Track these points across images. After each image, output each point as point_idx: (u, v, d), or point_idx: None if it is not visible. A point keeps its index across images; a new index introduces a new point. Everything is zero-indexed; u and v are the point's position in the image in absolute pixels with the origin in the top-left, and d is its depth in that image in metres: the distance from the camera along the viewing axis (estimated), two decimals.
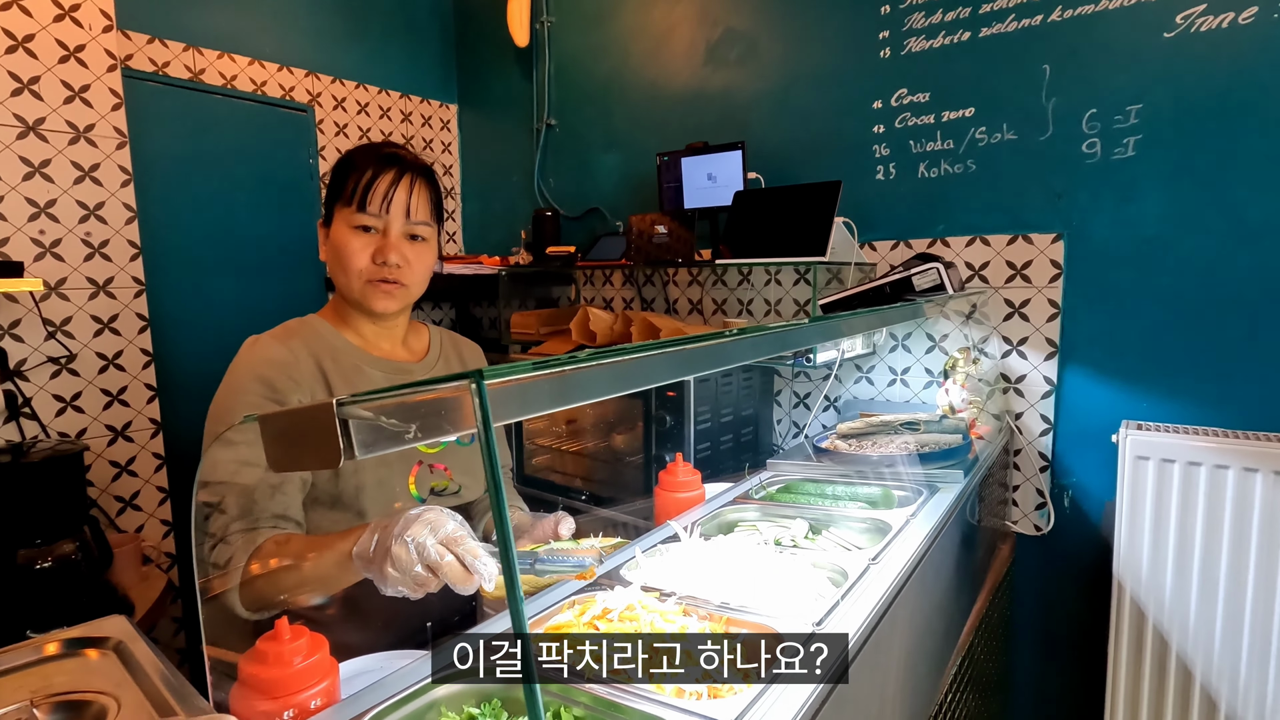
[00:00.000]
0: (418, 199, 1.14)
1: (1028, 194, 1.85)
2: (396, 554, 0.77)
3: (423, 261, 1.16)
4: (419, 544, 0.77)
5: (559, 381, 0.48)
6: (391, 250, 1.11)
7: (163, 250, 2.31)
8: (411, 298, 1.18)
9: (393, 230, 1.12)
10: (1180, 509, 1.58)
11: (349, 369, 1.12)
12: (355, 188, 1.11)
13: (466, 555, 0.78)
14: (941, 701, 1.30)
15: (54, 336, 1.99)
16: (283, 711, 0.66)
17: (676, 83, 2.51)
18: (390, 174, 1.12)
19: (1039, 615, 1.95)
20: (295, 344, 1.10)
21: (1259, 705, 1.52)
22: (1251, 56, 1.55)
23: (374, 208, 1.10)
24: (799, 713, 0.68)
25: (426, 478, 1.17)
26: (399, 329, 1.24)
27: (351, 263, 1.11)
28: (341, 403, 0.45)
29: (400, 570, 0.77)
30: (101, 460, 2.11)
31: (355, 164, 1.13)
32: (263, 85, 2.58)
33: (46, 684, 0.69)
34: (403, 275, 1.13)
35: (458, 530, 0.80)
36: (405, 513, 0.81)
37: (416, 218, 1.14)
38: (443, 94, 3.22)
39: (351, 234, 1.11)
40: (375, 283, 1.12)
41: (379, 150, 1.15)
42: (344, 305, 1.18)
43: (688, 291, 2.53)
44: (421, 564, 0.77)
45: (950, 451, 1.51)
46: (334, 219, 1.13)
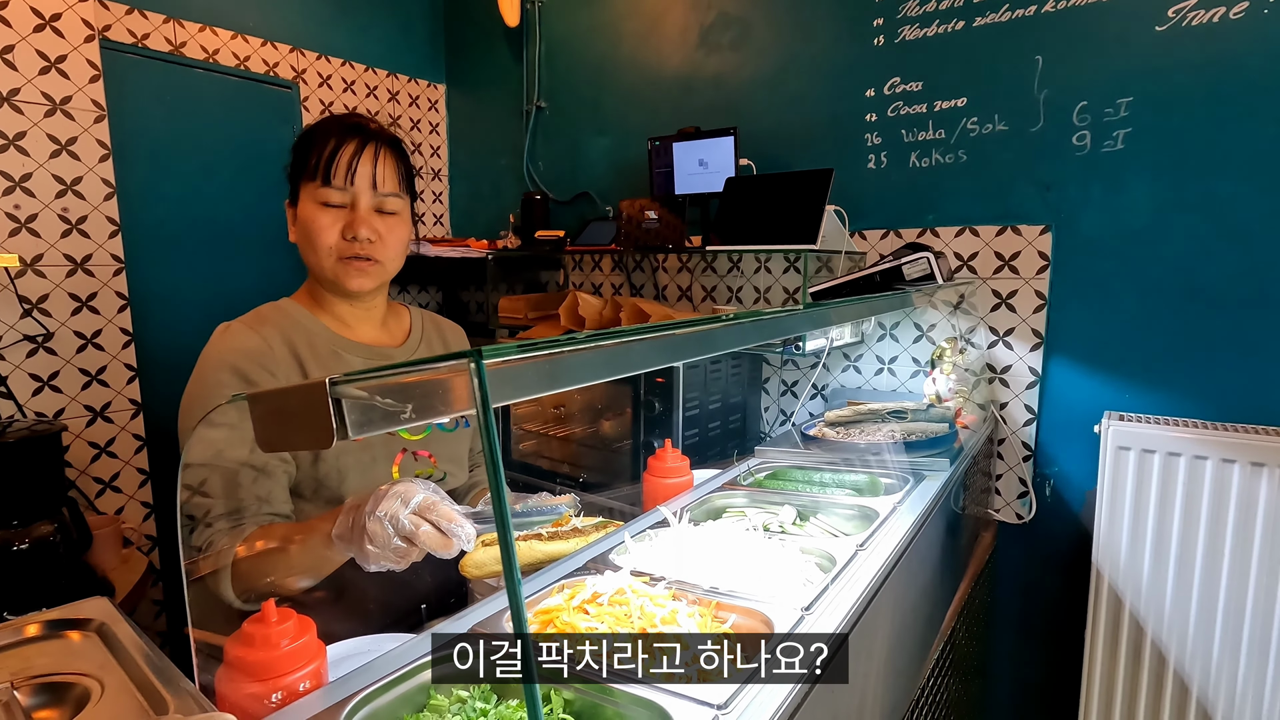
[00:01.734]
0: (385, 169, 1.09)
1: (1017, 185, 1.85)
2: (372, 530, 0.77)
3: (395, 236, 1.11)
4: (392, 517, 0.77)
5: (559, 363, 0.47)
6: (361, 224, 1.06)
7: (143, 227, 2.26)
8: (387, 275, 1.14)
9: (361, 203, 1.07)
10: (1159, 498, 1.61)
11: (326, 355, 1.09)
12: (318, 161, 1.06)
13: (441, 521, 0.79)
14: (924, 685, 1.32)
15: (30, 314, 1.95)
16: (270, 694, 0.65)
17: (669, 66, 2.49)
18: (353, 144, 1.07)
19: (1019, 601, 1.99)
20: (268, 331, 1.06)
21: (1229, 689, 1.56)
22: (1241, 51, 1.56)
23: (339, 180, 1.05)
24: (788, 696, 0.69)
25: (411, 465, 1.14)
26: (377, 310, 1.19)
27: (320, 240, 1.07)
28: (335, 382, 0.44)
29: (379, 546, 0.78)
30: (80, 441, 2.07)
31: (317, 137, 1.08)
32: (246, 60, 2.52)
33: (27, 666, 0.68)
34: (375, 250, 1.09)
35: (430, 498, 0.80)
36: (377, 490, 0.81)
37: (384, 189, 1.09)
38: (431, 73, 3.17)
39: (318, 210, 1.07)
40: (347, 260, 1.08)
41: (341, 121, 1.10)
42: (318, 288, 1.14)
43: (677, 278, 2.52)
44: (398, 536, 0.78)
45: (936, 440, 1.52)
46: (300, 197, 1.09)
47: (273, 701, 0.66)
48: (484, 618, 0.83)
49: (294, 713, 0.65)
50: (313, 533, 0.88)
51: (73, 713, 0.63)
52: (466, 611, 0.86)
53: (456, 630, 0.80)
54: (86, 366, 2.06)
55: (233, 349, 1.02)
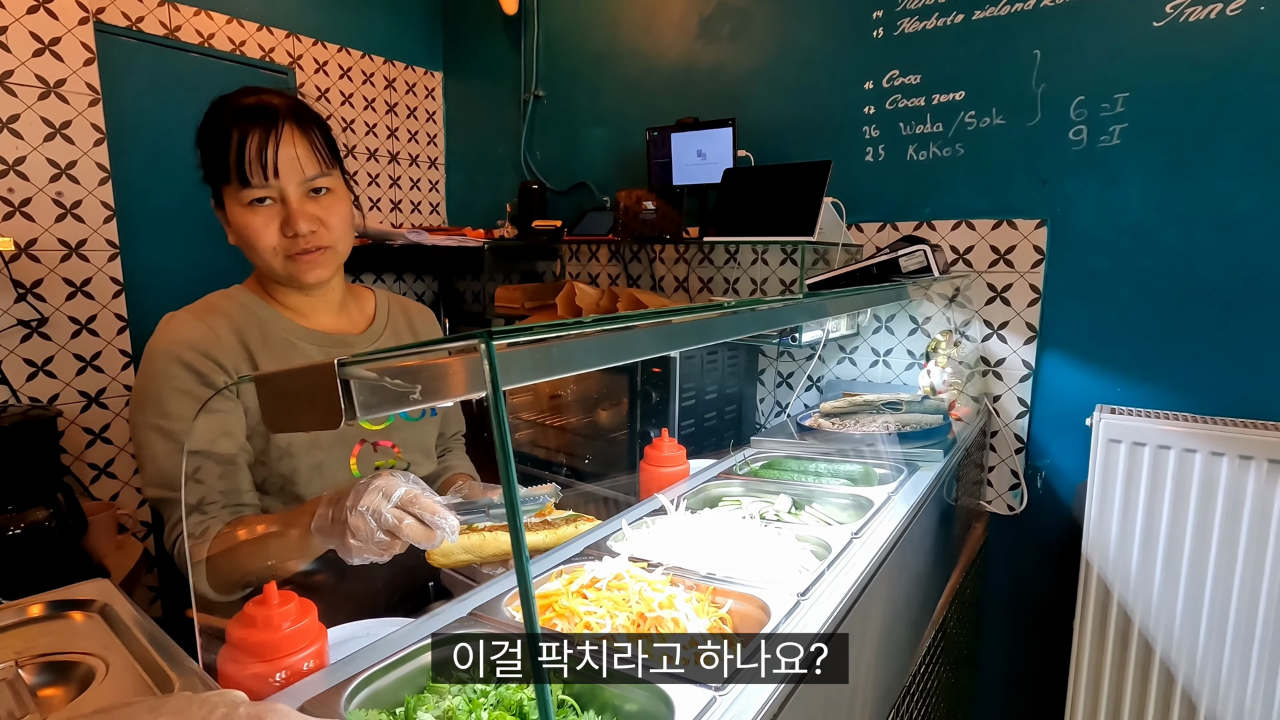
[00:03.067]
0: (302, 150, 1.00)
1: (1014, 179, 1.86)
2: (355, 525, 0.77)
3: (336, 215, 1.04)
4: (375, 512, 0.77)
5: (570, 346, 0.47)
6: (299, 218, 0.99)
7: (138, 213, 2.25)
8: (340, 258, 1.08)
9: (290, 195, 0.99)
10: (1149, 491, 1.63)
11: (279, 344, 1.04)
12: (226, 160, 0.97)
13: (424, 514, 0.78)
14: (915, 673, 1.34)
15: (24, 299, 1.94)
16: (274, 673, 0.66)
17: (668, 57, 2.49)
18: (258, 132, 0.97)
19: (1009, 591, 2.01)
20: (216, 320, 1.01)
21: (1214, 678, 1.58)
22: (1238, 48, 1.57)
23: (256, 178, 0.97)
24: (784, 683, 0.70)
25: (370, 457, 1.10)
26: (334, 295, 1.12)
27: (260, 243, 1.00)
28: (343, 363, 0.44)
29: (362, 540, 0.77)
30: (75, 427, 2.07)
31: (216, 130, 0.99)
32: (241, 45, 2.50)
33: (30, 645, 0.69)
34: (321, 239, 1.02)
35: (411, 490, 0.80)
36: (357, 483, 0.80)
37: (310, 171, 1.01)
38: (428, 61, 3.15)
39: (247, 213, 0.99)
40: (295, 257, 1.02)
41: (237, 107, 1.00)
42: (268, 279, 1.08)
43: (674, 269, 2.53)
44: (381, 530, 0.77)
45: (930, 431, 1.54)
46: (224, 200, 1.01)
47: (276, 681, 0.66)
48: (485, 601, 0.84)
49: (298, 692, 0.66)
50: (290, 525, 0.87)
51: (78, 691, 0.63)
52: (466, 595, 0.87)
53: (458, 614, 0.81)
54: (81, 352, 2.06)
55: (177, 340, 0.98)
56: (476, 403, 0.99)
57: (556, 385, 2.31)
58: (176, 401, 0.96)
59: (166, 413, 0.95)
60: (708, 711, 0.63)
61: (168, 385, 0.96)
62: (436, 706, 0.67)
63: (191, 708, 0.39)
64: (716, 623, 0.83)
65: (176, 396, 0.96)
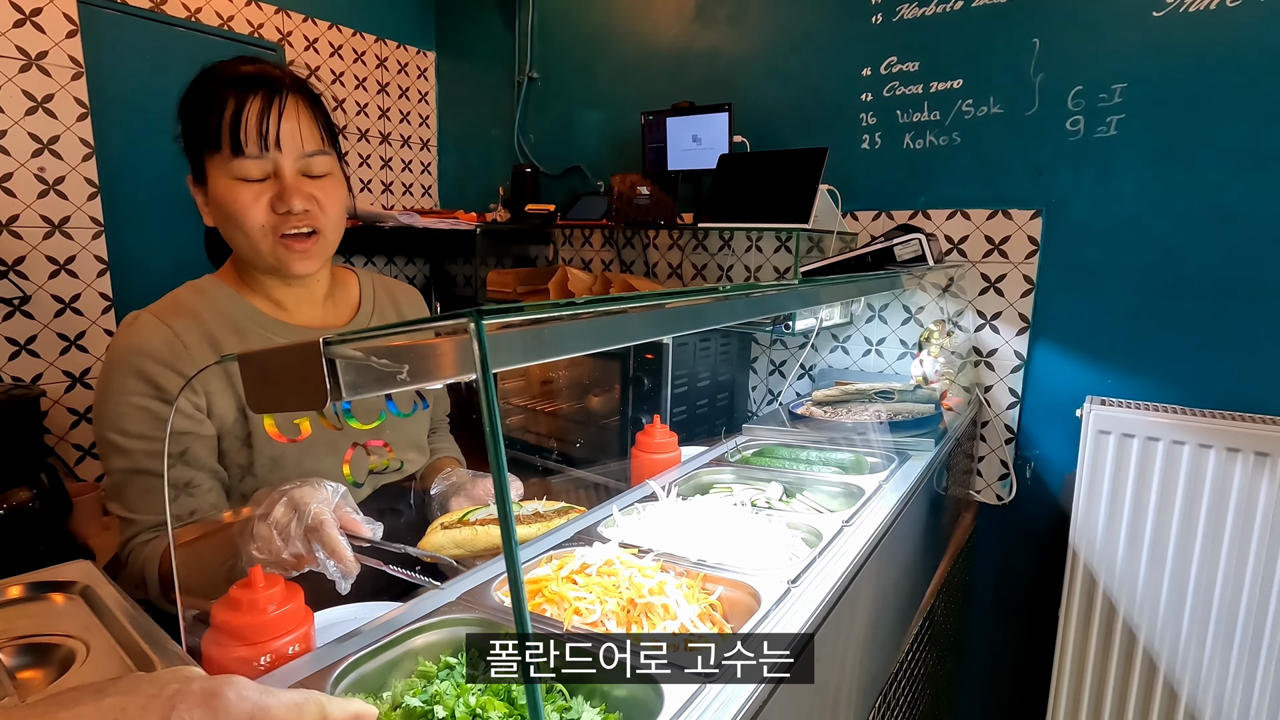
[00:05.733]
0: (306, 124, 0.93)
1: (1010, 169, 1.86)
2: (258, 535, 0.76)
3: (333, 200, 0.96)
4: (286, 533, 0.75)
5: (562, 327, 0.46)
6: (293, 195, 0.91)
7: (123, 190, 2.21)
8: (330, 249, 1.00)
9: (286, 170, 0.92)
10: (1136, 482, 1.64)
11: (257, 343, 0.97)
12: (219, 127, 0.89)
13: (320, 553, 0.76)
14: (903, 660, 1.35)
15: (6, 276, 1.91)
16: (259, 657, 0.65)
17: (664, 39, 2.45)
18: (258, 100, 0.90)
19: (996, 580, 2.03)
20: (183, 324, 0.94)
21: (1196, 667, 1.60)
22: (1237, 40, 1.56)
23: (252, 148, 0.89)
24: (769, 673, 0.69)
25: (363, 461, 1.04)
26: (319, 287, 1.05)
27: (248, 221, 0.91)
28: (329, 342, 0.43)
29: (264, 554, 0.76)
30: (59, 407, 2.04)
31: (209, 96, 0.90)
32: (230, 20, 2.45)
33: (9, 627, 0.67)
34: (315, 220, 0.95)
35: (321, 514, 0.76)
36: (273, 492, 0.78)
37: (310, 147, 0.93)
38: (420, 40, 3.10)
39: (236, 187, 0.91)
40: (288, 240, 0.94)
41: (237, 73, 0.92)
42: (248, 268, 1.00)
43: (668, 255, 2.51)
44: (288, 551, 0.76)
45: (922, 421, 1.54)
46: (207, 172, 0.93)
47: (262, 664, 0.65)
48: (473, 586, 0.83)
49: (283, 676, 0.65)
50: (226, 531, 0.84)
51: (57, 674, 0.62)
52: (454, 580, 0.86)
53: (446, 599, 0.80)
54: (65, 331, 2.03)
55: (138, 349, 0.91)
56: (465, 385, 0.98)
57: (547, 370, 2.30)
58: (134, 418, 0.90)
59: (124, 429, 0.90)
60: (698, 697, 0.63)
61: (125, 400, 0.90)
62: (424, 691, 0.67)
63: (141, 685, 0.38)
64: (707, 609, 0.83)
65: (134, 413, 0.90)
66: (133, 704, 0.36)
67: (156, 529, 0.93)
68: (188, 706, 0.37)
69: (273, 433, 0.90)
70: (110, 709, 0.35)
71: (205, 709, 0.37)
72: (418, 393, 1.14)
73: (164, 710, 0.36)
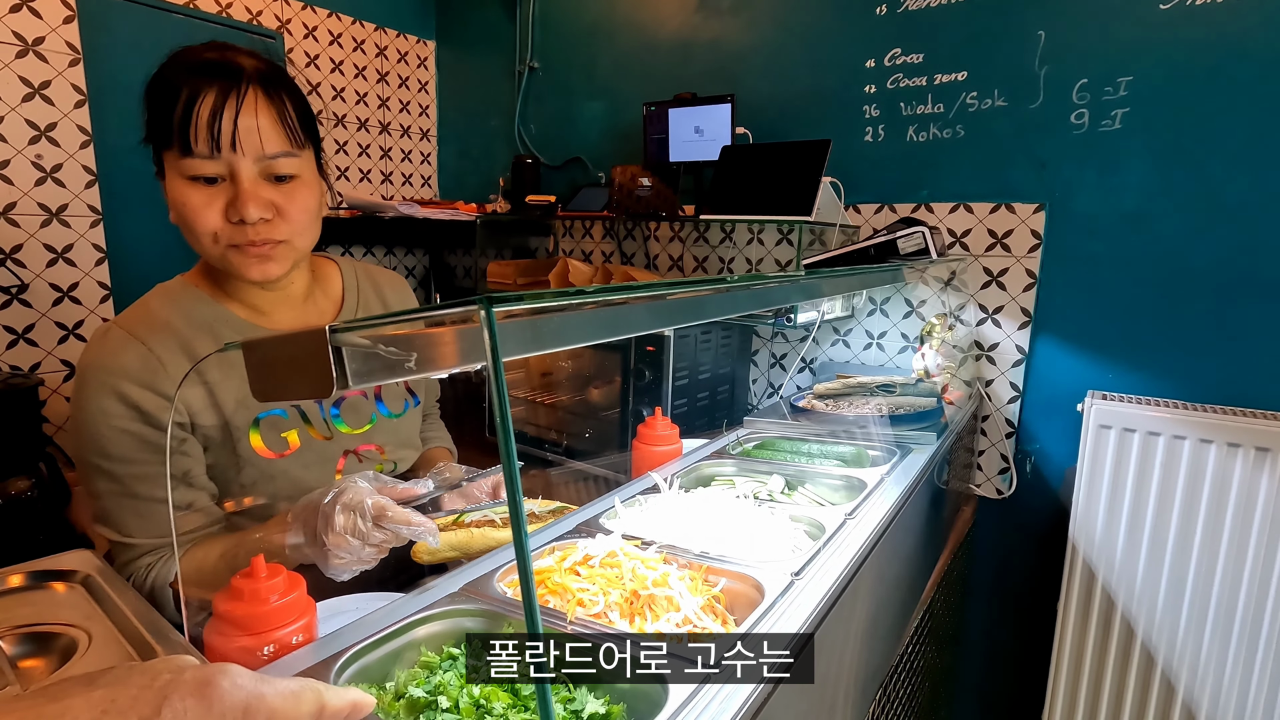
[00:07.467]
0: (266, 121, 0.83)
1: (1014, 162, 1.85)
2: (335, 545, 0.76)
3: (298, 205, 0.87)
4: (359, 532, 0.76)
5: (572, 316, 0.46)
6: (247, 202, 0.82)
7: (121, 178, 2.19)
8: (299, 254, 0.92)
9: (242, 174, 0.82)
10: (1137, 476, 1.64)
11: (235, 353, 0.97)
12: (171, 122, 0.81)
13: (401, 529, 0.78)
14: (903, 652, 1.35)
15: (3, 264, 1.89)
16: (262, 646, 0.65)
17: (666, 29, 2.44)
18: (213, 92, 0.81)
19: (996, 574, 2.03)
20: (158, 339, 0.88)
21: (1194, 659, 1.61)
22: (1244, 33, 1.55)
23: (202, 147, 0.80)
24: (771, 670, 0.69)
25: (356, 468, 1.02)
26: (296, 288, 0.99)
27: (198, 225, 0.83)
28: (335, 329, 0.43)
29: (349, 559, 0.77)
30: (58, 397, 2.03)
31: (166, 85, 0.83)
32: (228, 7, 2.43)
33: (10, 616, 0.67)
34: (274, 231, 0.86)
35: (379, 502, 0.78)
36: (319, 505, 0.77)
37: (270, 149, 0.84)
38: (420, 29, 3.08)
39: (186, 188, 0.83)
40: (241, 247, 0.85)
41: (194, 60, 0.84)
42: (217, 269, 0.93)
43: (669, 247, 2.50)
44: (367, 547, 0.77)
45: (923, 414, 1.54)
46: (165, 168, 0.86)
47: (264, 654, 0.65)
48: (476, 576, 0.83)
49: (286, 665, 0.65)
50: (265, 546, 0.83)
51: (60, 662, 0.62)
52: (458, 570, 0.86)
53: (449, 589, 0.80)
54: (63, 320, 2.02)
55: (113, 369, 0.85)
56: (461, 376, 0.96)
57: (548, 363, 2.30)
58: (117, 442, 0.86)
59: (108, 454, 0.86)
60: (700, 692, 0.63)
61: (106, 423, 0.85)
62: (428, 681, 0.67)
63: (133, 676, 0.36)
64: (710, 601, 0.83)
65: (117, 436, 0.86)
66: (123, 695, 0.34)
67: (156, 551, 0.91)
68: (180, 696, 0.35)
69: (260, 449, 0.90)
70: (100, 701, 0.34)
71: (198, 699, 0.35)
72: (409, 390, 1.13)
73: (156, 701, 0.35)
